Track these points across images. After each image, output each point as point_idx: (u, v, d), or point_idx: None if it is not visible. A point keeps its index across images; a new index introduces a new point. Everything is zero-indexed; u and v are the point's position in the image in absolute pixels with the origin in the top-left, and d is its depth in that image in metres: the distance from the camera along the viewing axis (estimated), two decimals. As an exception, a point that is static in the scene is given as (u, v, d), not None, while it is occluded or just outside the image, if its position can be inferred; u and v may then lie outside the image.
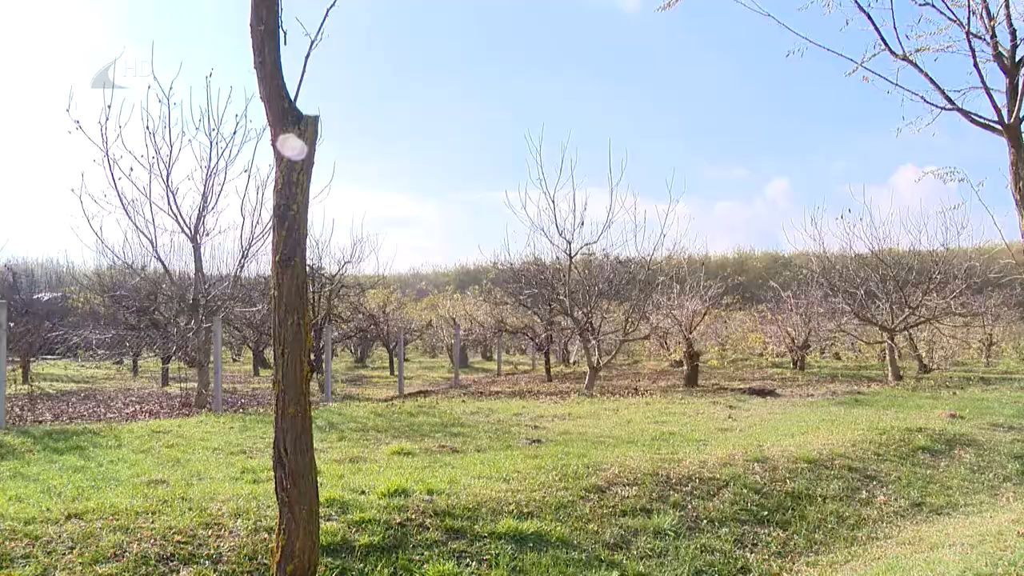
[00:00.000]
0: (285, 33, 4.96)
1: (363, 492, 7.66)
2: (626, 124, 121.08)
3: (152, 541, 5.97)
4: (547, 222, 25.37)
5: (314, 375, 23.62)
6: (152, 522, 6.35)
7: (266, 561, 5.84)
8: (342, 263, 25.99)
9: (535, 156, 23.88)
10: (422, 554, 6.47)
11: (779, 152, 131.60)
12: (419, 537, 6.72)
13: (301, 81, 5.03)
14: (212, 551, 5.97)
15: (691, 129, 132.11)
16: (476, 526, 7.08)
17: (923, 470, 11.14)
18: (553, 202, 24.24)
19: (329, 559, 6.07)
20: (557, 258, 26.07)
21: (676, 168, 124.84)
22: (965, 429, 13.73)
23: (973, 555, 6.92)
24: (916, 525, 8.92)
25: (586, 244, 25.00)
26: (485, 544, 6.78)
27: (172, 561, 5.76)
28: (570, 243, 24.67)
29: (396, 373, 27.85)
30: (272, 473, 4.96)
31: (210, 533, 6.26)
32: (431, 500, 7.48)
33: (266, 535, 6.23)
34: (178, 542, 6.01)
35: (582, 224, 24.52)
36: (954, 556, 7.00)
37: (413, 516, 7.05)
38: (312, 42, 5.06)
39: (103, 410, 17.23)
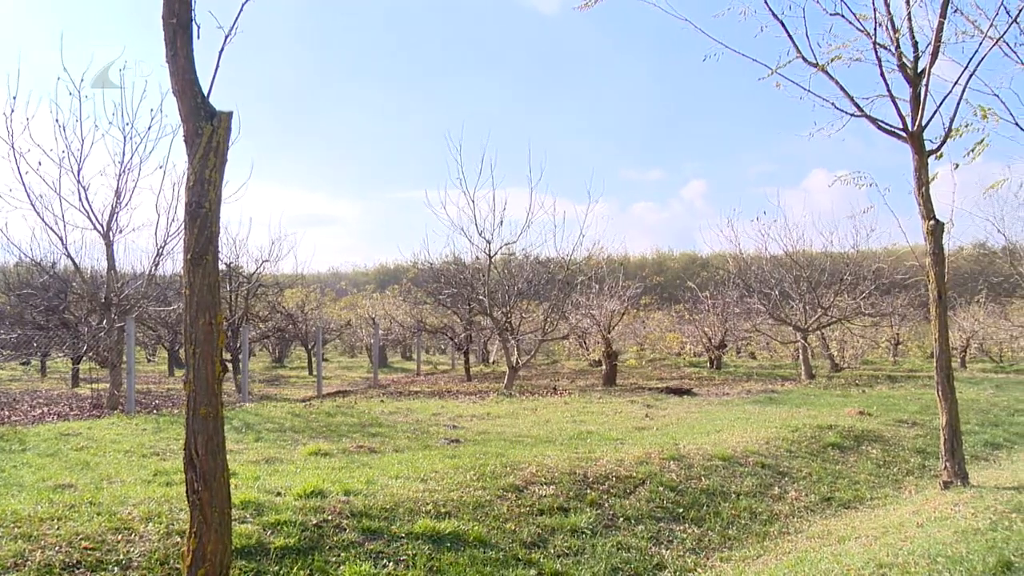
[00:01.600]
0: (198, 27, 4.86)
1: (279, 493, 7.55)
2: (546, 125, 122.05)
3: (57, 548, 5.79)
4: (467, 222, 25.43)
5: (230, 375, 23.23)
6: (58, 528, 6.16)
7: (178, 566, 5.72)
8: (260, 262, 25.72)
9: (455, 156, 23.84)
10: (339, 555, 6.40)
11: (697, 154, 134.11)
12: (336, 538, 6.65)
13: (215, 76, 4.94)
14: (121, 557, 5.82)
15: (610, 130, 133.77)
16: (393, 526, 7.04)
17: (833, 466, 11.43)
18: (473, 202, 24.26)
19: (243, 562, 5.97)
20: (477, 258, 26.09)
21: (595, 169, 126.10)
22: (872, 426, 14.14)
23: (876, 546, 7.15)
24: (825, 519, 9.16)
25: (506, 244, 25.10)
26: (402, 544, 6.74)
27: (78, 568, 5.59)
28: (490, 243, 24.71)
29: (314, 373, 27.57)
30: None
31: (120, 538, 6.10)
32: (348, 501, 7.42)
33: (179, 539, 6.09)
34: (85, 548, 5.84)
35: (501, 224, 24.62)
36: (859, 548, 7.22)
37: (330, 517, 6.98)
38: (226, 36, 4.97)
39: (7, 413, 16.68)
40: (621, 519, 8.27)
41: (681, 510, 8.81)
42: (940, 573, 6.16)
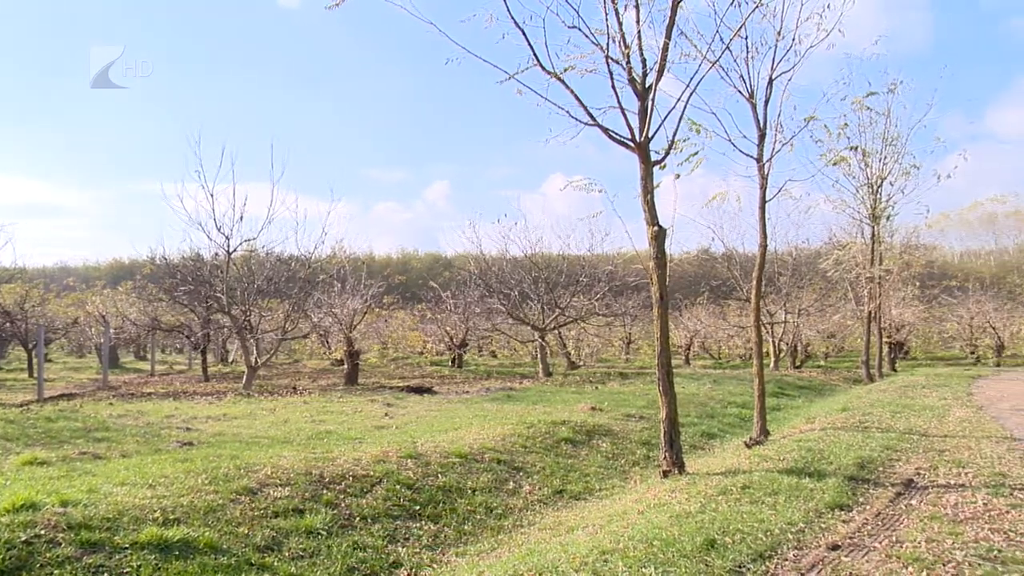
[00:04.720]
0: None
1: (-18, 510, 6.99)
2: (290, 121, 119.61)
3: None
4: (205, 216, 24.77)
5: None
6: None
7: None
8: (-30, 254, 23.59)
9: (194, 147, 23.02)
10: (52, 573, 6.03)
11: (442, 156, 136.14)
12: (49, 554, 6.25)
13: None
14: None
15: (355, 129, 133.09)
16: (116, 537, 6.71)
17: (565, 460, 11.99)
18: (212, 196, 23.60)
19: (-66, 589, 5.51)
20: (216, 254, 25.31)
21: (339, 168, 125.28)
22: (603, 420, 14.93)
23: (601, 534, 7.62)
24: (557, 511, 9.62)
25: (246, 240, 24.62)
26: (126, 556, 6.45)
27: None
28: (229, 239, 24.12)
29: (35, 375, 25.68)
30: None
31: None
32: (65, 512, 6.99)
33: None
34: None
35: (241, 219, 24.17)
36: (586, 537, 7.66)
37: (43, 531, 6.55)
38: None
39: None
40: (358, 518, 8.31)
41: (418, 507, 8.98)
42: (655, 555, 6.64)
